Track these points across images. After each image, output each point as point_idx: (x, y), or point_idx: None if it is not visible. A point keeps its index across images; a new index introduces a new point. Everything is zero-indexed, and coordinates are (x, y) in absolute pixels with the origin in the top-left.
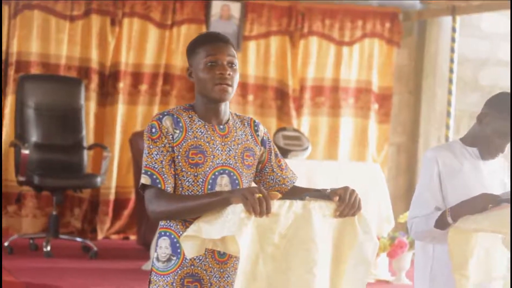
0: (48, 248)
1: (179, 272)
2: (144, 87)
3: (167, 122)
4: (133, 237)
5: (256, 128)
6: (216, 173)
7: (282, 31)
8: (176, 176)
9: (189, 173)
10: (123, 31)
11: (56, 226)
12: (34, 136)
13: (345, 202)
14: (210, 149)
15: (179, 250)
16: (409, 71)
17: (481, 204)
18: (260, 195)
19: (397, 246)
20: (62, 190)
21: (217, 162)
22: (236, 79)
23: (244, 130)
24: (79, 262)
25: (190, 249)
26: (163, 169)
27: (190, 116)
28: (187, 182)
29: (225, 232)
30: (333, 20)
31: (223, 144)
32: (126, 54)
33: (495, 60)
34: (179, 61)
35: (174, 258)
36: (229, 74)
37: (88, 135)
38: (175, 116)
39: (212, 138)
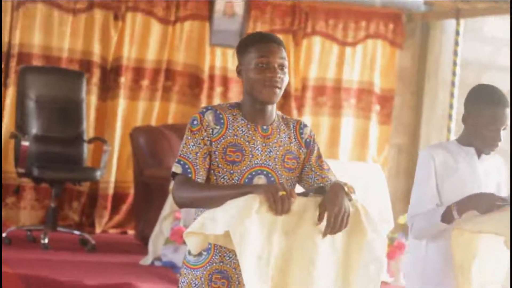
0: (46, 240)
1: (208, 267)
2: (145, 82)
3: (209, 117)
4: (131, 232)
5: (301, 131)
6: (253, 173)
7: (285, 29)
8: (212, 172)
9: (225, 169)
10: (126, 26)
11: (54, 219)
12: (34, 128)
13: (330, 226)
14: (250, 149)
15: (209, 246)
16: (412, 73)
17: (487, 203)
18: (284, 193)
19: (396, 247)
20: (61, 182)
21: (256, 162)
22: (286, 82)
23: (288, 133)
24: (76, 255)
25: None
26: (197, 160)
27: (234, 114)
28: (222, 179)
29: (228, 227)
30: (336, 20)
31: (264, 144)
32: (129, 48)
33: (497, 65)
34: (181, 57)
35: (205, 253)
36: (279, 77)
37: (89, 128)
38: (218, 112)
39: (253, 137)
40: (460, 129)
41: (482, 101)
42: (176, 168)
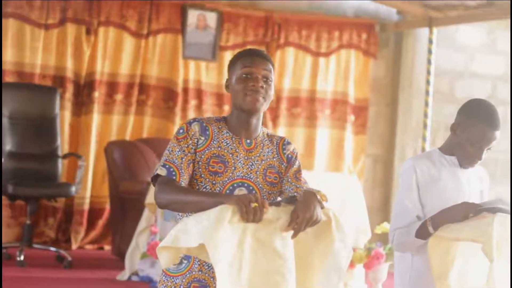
0: (22, 257)
1: (188, 275)
2: (119, 96)
3: (195, 127)
4: (107, 247)
5: (284, 147)
6: (235, 185)
7: (258, 41)
8: (195, 181)
9: (207, 180)
10: (99, 40)
11: (30, 236)
12: (8, 145)
13: (298, 230)
14: (232, 161)
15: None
16: (386, 83)
17: (461, 213)
18: (256, 204)
19: (374, 257)
20: (36, 199)
21: (237, 174)
22: (270, 93)
23: (271, 148)
24: (53, 272)
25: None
26: (182, 165)
27: (219, 127)
28: (204, 189)
29: (202, 239)
30: (309, 31)
31: (246, 158)
32: (102, 63)
33: (471, 73)
34: (154, 71)
35: (185, 261)
36: (261, 87)
37: (63, 144)
38: (204, 124)
39: (237, 150)
40: (435, 138)
41: (475, 116)
42: (161, 171)
